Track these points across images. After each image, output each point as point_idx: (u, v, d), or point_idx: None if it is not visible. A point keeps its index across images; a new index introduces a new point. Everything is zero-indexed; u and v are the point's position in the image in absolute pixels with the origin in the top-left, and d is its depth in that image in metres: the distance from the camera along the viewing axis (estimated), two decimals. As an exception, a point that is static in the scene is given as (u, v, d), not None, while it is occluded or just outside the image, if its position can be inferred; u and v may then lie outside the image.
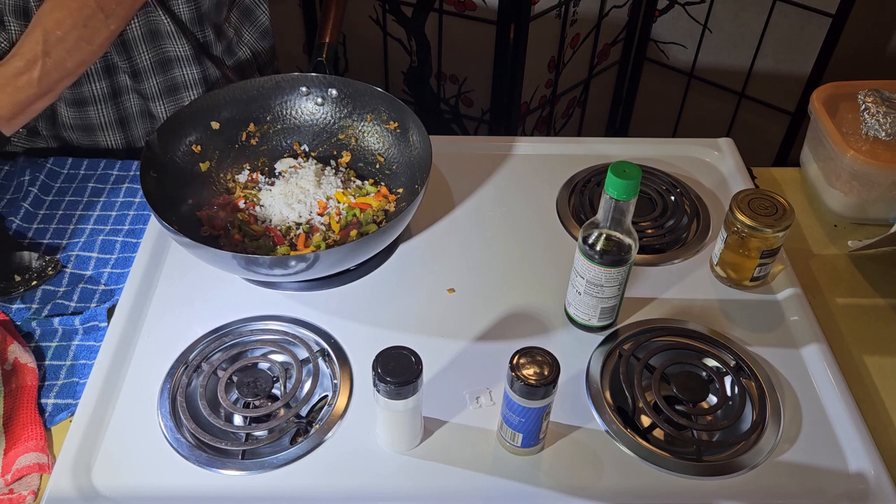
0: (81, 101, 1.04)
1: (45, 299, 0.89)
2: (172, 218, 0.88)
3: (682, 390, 0.79)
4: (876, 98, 1.02)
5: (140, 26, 1.00)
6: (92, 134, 1.08)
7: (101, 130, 1.07)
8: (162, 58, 1.04)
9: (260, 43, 1.17)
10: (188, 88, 1.08)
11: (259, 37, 1.16)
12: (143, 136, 1.10)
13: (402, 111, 0.99)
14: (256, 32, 1.15)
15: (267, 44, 1.18)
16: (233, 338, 0.84)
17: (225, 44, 1.11)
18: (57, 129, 1.07)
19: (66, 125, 1.06)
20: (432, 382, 0.80)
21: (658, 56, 1.99)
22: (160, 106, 1.07)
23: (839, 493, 0.72)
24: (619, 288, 0.80)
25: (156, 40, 1.02)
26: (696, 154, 1.11)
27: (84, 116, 1.05)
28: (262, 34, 1.16)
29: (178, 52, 1.04)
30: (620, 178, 0.70)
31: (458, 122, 1.96)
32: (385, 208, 0.97)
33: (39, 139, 1.09)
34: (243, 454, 0.74)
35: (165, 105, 1.08)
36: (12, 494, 0.71)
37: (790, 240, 0.98)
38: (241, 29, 1.13)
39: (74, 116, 1.05)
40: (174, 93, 1.08)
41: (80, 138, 1.08)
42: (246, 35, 1.14)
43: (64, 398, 0.80)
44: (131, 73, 1.03)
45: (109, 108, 1.06)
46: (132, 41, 1.01)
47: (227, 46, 1.12)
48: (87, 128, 1.07)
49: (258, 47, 1.17)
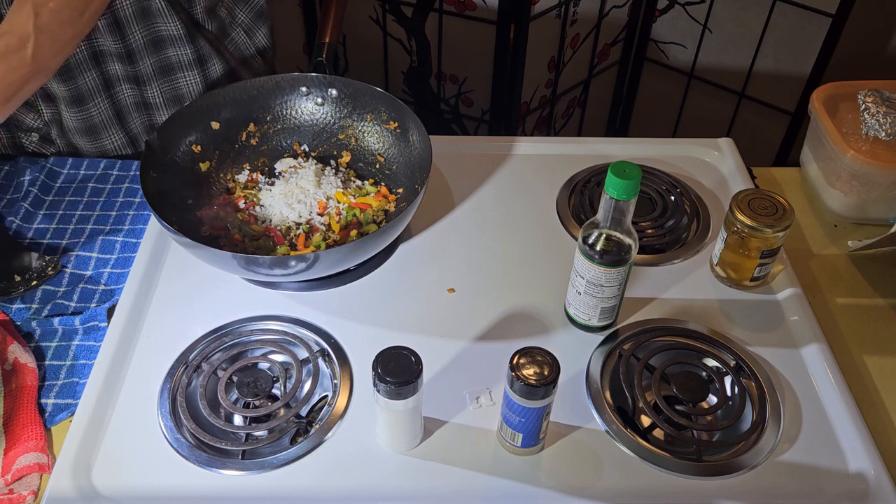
0: (79, 98, 1.03)
1: (45, 299, 0.89)
2: (172, 218, 0.88)
3: (682, 390, 0.79)
4: (876, 98, 1.02)
5: (131, 4, 0.98)
6: (97, 137, 1.07)
7: (104, 129, 1.07)
8: (154, 37, 1.02)
9: (256, 24, 1.15)
10: (182, 69, 1.06)
11: (255, 17, 1.15)
12: (141, 132, 1.10)
13: (402, 111, 0.99)
14: (252, 13, 1.14)
15: (264, 25, 1.16)
16: (233, 338, 0.84)
17: (217, 23, 1.09)
18: (68, 137, 1.07)
19: (72, 129, 1.05)
20: (432, 382, 0.80)
21: (658, 56, 1.99)
22: (155, 90, 1.06)
23: (839, 493, 0.72)
24: (619, 288, 0.80)
25: (147, 19, 1.01)
26: (696, 154, 1.11)
27: (86, 117, 1.04)
28: (257, 14, 1.15)
29: (170, 31, 1.02)
30: (620, 178, 0.70)
31: (458, 122, 1.96)
32: (385, 208, 0.97)
33: (52, 146, 1.10)
34: (243, 454, 0.74)
35: (160, 88, 1.06)
36: (12, 494, 0.71)
37: (790, 240, 0.98)
38: (234, 9, 1.12)
39: (77, 119, 1.04)
40: (168, 73, 1.06)
41: (87, 145, 1.08)
42: (240, 15, 1.12)
43: (64, 398, 0.80)
44: (125, 55, 1.02)
45: (106, 102, 1.05)
46: (124, 20, 0.99)
47: (219, 26, 1.10)
48: (91, 130, 1.06)
49: (254, 29, 1.15)
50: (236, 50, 1.14)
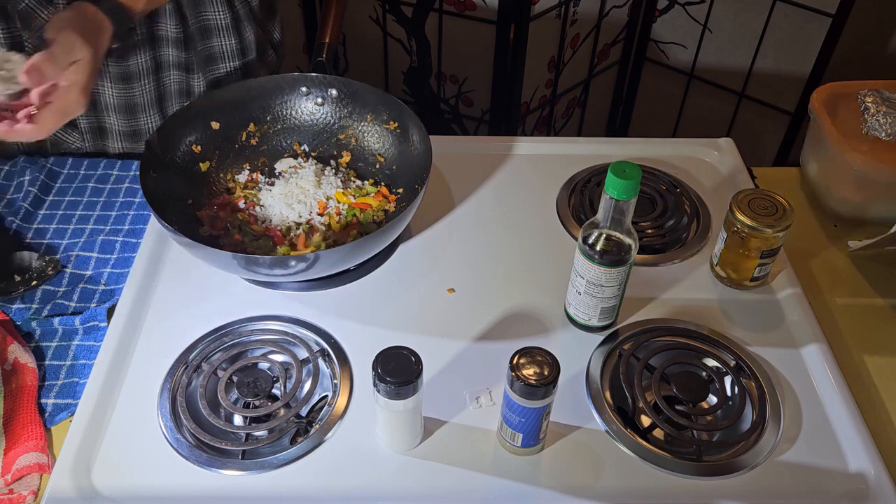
0: (127, 77, 1.03)
1: (45, 299, 0.89)
2: (172, 218, 0.88)
3: (682, 390, 0.79)
4: (876, 98, 1.02)
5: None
6: (133, 116, 1.07)
7: (143, 110, 1.07)
8: (202, 25, 1.04)
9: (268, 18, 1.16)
10: (224, 59, 1.08)
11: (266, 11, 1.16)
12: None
13: (402, 111, 0.99)
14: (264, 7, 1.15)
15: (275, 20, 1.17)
16: (233, 338, 0.84)
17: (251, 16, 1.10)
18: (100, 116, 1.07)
19: (109, 106, 1.05)
20: (432, 382, 0.80)
21: (658, 56, 1.99)
22: (199, 79, 1.08)
23: (839, 493, 0.72)
24: (619, 288, 0.80)
25: (198, 7, 1.03)
26: (696, 154, 1.11)
27: (129, 95, 1.05)
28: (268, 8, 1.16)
29: (217, 21, 1.04)
30: (620, 178, 0.70)
31: (458, 122, 1.96)
32: (385, 208, 0.97)
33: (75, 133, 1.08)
34: (243, 454, 0.74)
35: (203, 79, 1.08)
36: (12, 494, 0.71)
37: (790, 240, 0.98)
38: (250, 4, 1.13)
39: (118, 95, 1.04)
40: (211, 63, 1.08)
41: (121, 123, 1.07)
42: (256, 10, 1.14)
43: (64, 398, 0.80)
44: (182, 41, 1.03)
45: (151, 84, 1.05)
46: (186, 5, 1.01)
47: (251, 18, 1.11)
48: (130, 108, 1.06)
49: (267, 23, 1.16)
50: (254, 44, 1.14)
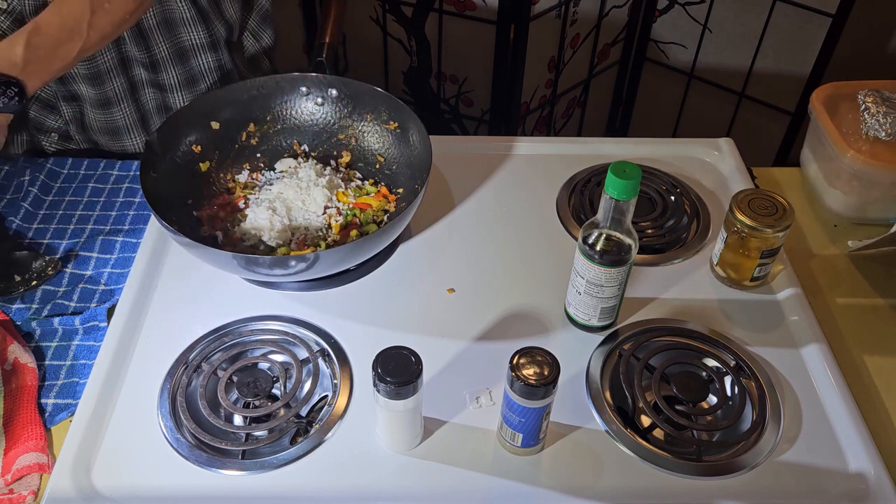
0: (106, 102, 1.05)
1: (45, 299, 0.89)
2: (172, 218, 0.88)
3: (682, 390, 0.79)
4: (876, 98, 1.02)
5: (155, 15, 1.01)
6: (118, 138, 1.09)
7: (127, 132, 1.09)
8: (178, 48, 1.05)
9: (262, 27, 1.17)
10: (204, 77, 1.09)
11: (261, 20, 1.17)
12: None
13: (402, 111, 0.99)
14: (258, 17, 1.16)
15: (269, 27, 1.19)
16: (233, 338, 0.83)
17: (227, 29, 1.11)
18: (88, 134, 1.08)
19: (95, 129, 1.07)
20: (432, 382, 0.80)
21: (658, 56, 1.99)
22: (178, 97, 1.09)
23: (839, 493, 0.72)
24: (619, 288, 0.80)
25: (172, 29, 1.03)
26: (696, 154, 1.11)
27: (110, 119, 1.06)
28: (263, 18, 1.17)
29: (193, 41, 1.05)
30: (620, 178, 0.70)
31: (458, 122, 1.96)
32: (385, 208, 0.97)
33: (72, 143, 1.10)
34: (243, 454, 0.74)
35: (184, 96, 1.09)
36: (12, 494, 0.71)
37: (790, 240, 0.98)
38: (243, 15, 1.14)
39: (101, 120, 1.06)
40: (193, 84, 1.09)
41: (109, 142, 1.10)
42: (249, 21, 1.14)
43: (64, 398, 0.80)
44: (149, 65, 1.04)
45: (131, 107, 1.07)
46: (148, 30, 1.02)
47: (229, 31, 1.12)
48: (114, 131, 1.08)
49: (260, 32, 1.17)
50: (246, 52, 1.15)
